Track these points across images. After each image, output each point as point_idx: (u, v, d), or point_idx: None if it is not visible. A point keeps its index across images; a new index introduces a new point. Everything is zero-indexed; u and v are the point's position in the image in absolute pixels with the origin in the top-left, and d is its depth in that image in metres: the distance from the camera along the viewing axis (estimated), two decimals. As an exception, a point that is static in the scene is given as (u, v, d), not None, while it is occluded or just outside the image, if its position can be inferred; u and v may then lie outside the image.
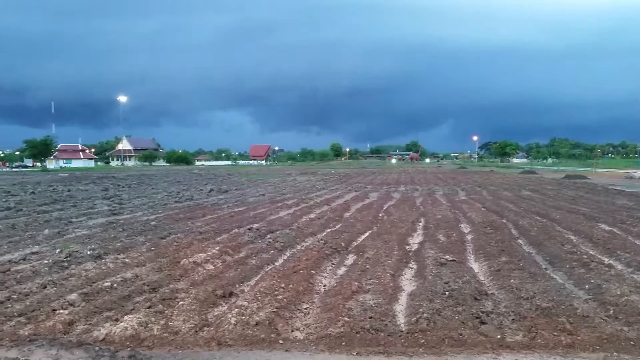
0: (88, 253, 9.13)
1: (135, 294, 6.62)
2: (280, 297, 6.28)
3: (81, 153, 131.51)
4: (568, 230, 11.96)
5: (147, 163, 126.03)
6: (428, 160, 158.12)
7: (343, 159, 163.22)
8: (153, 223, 13.50)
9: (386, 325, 5.39)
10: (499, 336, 5.16)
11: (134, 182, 36.91)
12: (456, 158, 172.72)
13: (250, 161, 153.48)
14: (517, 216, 14.39)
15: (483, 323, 5.45)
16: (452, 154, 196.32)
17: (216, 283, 7.05)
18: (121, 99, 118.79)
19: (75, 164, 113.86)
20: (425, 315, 5.58)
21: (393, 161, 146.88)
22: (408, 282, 7.43)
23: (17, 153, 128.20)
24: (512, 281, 7.11)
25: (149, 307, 5.96)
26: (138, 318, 5.56)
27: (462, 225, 13.18)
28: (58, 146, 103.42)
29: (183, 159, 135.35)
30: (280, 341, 5.12)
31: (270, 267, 8.27)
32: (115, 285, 7.01)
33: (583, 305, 5.91)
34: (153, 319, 5.60)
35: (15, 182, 37.01)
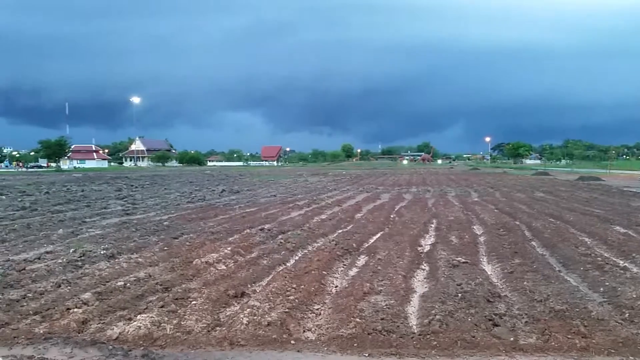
0: (102, 253, 9.23)
1: (148, 294, 6.67)
2: (291, 298, 6.29)
3: (95, 154, 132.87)
4: (582, 232, 11.83)
5: (160, 164, 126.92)
6: (440, 161, 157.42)
7: (354, 160, 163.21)
8: (166, 223, 13.60)
9: (398, 326, 5.38)
10: (512, 338, 5.12)
11: (147, 183, 37.19)
12: (468, 159, 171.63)
13: (261, 162, 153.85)
14: (531, 218, 14.27)
15: (496, 325, 5.41)
16: (465, 155, 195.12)
17: (228, 283, 7.08)
18: (134, 100, 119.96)
19: (89, 165, 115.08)
20: (437, 317, 5.55)
21: (404, 162, 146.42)
22: (420, 284, 7.41)
23: (32, 153, 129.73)
24: (526, 283, 7.05)
25: (162, 307, 6.00)
26: (151, 317, 5.61)
27: (475, 226, 13.10)
28: (72, 147, 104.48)
29: (195, 160, 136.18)
30: (292, 341, 5.13)
31: (281, 268, 8.29)
32: (128, 284, 7.08)
33: (598, 308, 5.85)
34: (166, 319, 5.64)
35: (30, 182, 37.48)
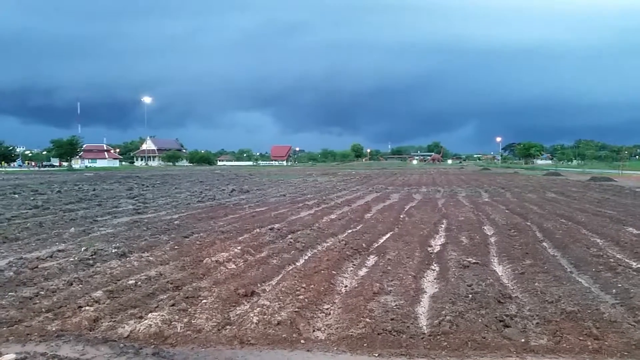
0: (113, 251, 9.30)
1: (159, 292, 6.71)
2: (301, 297, 6.30)
3: (106, 153, 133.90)
4: (594, 233, 11.72)
5: (171, 163, 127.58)
6: (450, 161, 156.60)
7: (364, 160, 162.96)
8: (176, 222, 13.67)
9: (408, 327, 5.36)
10: (523, 340, 5.09)
11: (158, 182, 37.41)
12: (479, 159, 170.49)
13: (271, 161, 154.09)
14: (542, 219, 14.17)
15: (507, 326, 5.38)
16: (475, 155, 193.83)
17: (238, 282, 7.11)
18: (145, 100, 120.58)
19: (100, 164, 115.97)
20: (447, 317, 5.53)
21: (414, 162, 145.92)
22: (430, 284, 7.38)
23: (44, 153, 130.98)
24: (537, 284, 7.01)
25: (173, 305, 6.04)
26: (162, 316, 5.64)
27: (486, 227, 13.03)
28: (84, 146, 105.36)
29: (205, 159, 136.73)
30: (301, 341, 5.14)
31: (291, 267, 8.30)
32: (139, 283, 7.13)
33: (610, 310, 5.79)
34: (176, 317, 5.67)
35: (42, 181, 37.85)
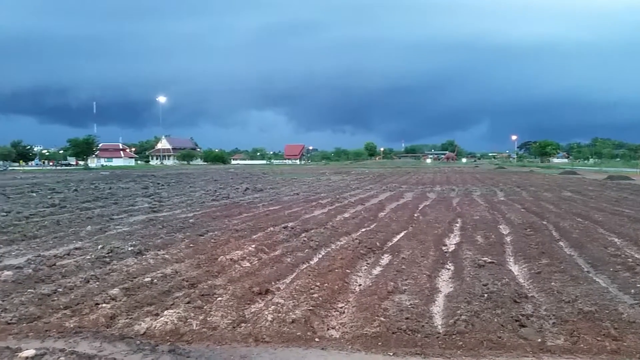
0: (129, 249, 9.40)
1: (174, 290, 6.77)
2: (315, 296, 6.31)
3: (122, 152, 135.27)
4: (611, 232, 11.57)
5: (185, 162, 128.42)
6: (465, 160, 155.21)
7: (377, 159, 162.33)
8: (191, 220, 13.77)
9: (423, 326, 5.35)
10: (540, 340, 5.05)
11: (173, 181, 37.70)
12: (494, 158, 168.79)
13: (284, 160, 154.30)
14: (558, 218, 14.01)
15: (523, 326, 5.34)
16: (490, 154, 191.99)
17: (253, 280, 7.14)
18: (160, 100, 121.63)
19: (116, 163, 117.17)
20: (463, 317, 5.50)
21: (428, 161, 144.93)
22: (445, 284, 7.35)
23: (61, 152, 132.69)
24: (553, 284, 6.94)
25: (188, 303, 6.09)
26: (178, 313, 5.69)
27: (501, 226, 12.92)
28: (100, 145, 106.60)
29: (219, 158, 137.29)
30: (316, 339, 5.15)
31: (305, 266, 8.32)
32: (155, 280, 7.19)
33: (629, 310, 5.71)
34: (192, 314, 5.72)
35: (59, 180, 38.35)
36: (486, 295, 6.31)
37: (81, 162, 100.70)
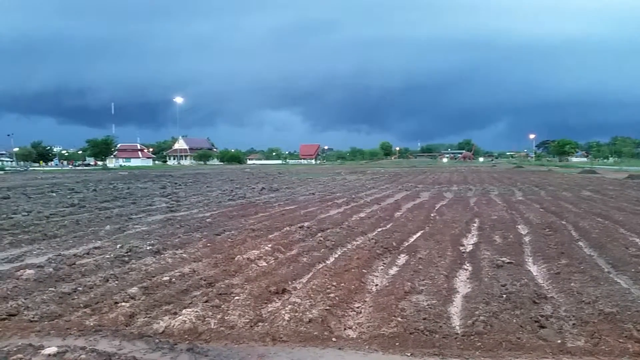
0: (147, 248, 9.50)
1: (192, 289, 6.83)
2: (332, 295, 6.30)
3: (140, 152, 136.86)
4: (632, 232, 11.36)
5: (202, 162, 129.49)
6: (482, 159, 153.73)
7: (393, 158, 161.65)
8: (208, 220, 13.87)
9: (441, 327, 5.31)
10: (560, 341, 4.98)
11: (190, 181, 38.02)
12: (512, 157, 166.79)
13: (299, 160, 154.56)
14: (577, 217, 13.82)
15: (542, 327, 5.27)
16: (508, 153, 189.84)
17: (269, 279, 7.17)
18: (177, 100, 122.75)
19: (134, 163, 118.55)
20: (481, 317, 5.45)
21: (445, 160, 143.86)
22: (463, 284, 7.29)
23: (80, 152, 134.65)
24: (573, 285, 6.84)
25: (206, 302, 6.14)
26: (196, 312, 5.74)
27: (519, 226, 12.78)
28: (118, 145, 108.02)
29: (235, 158, 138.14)
30: (333, 339, 5.14)
31: (321, 265, 8.32)
32: (173, 279, 7.26)
33: (652, 312, 5.60)
34: (210, 313, 5.76)
35: (78, 180, 38.92)
36: (505, 295, 6.25)
37: (100, 163, 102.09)
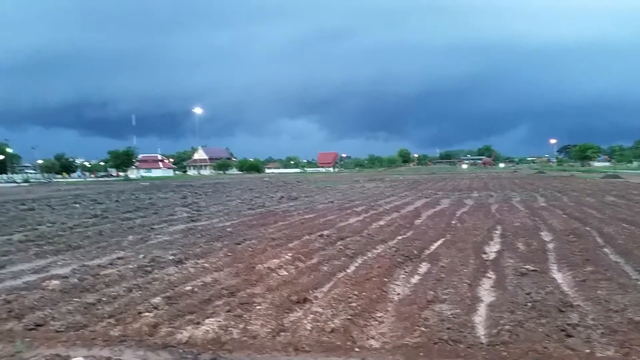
0: (170, 258, 9.59)
1: (214, 298, 6.85)
2: (354, 305, 6.27)
3: (160, 163, 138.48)
4: (661, 238, 11.08)
5: (221, 172, 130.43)
6: (502, 165, 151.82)
7: (411, 165, 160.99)
8: (229, 229, 13.96)
9: (465, 336, 5.24)
10: (588, 350, 4.87)
11: (210, 190, 38.35)
12: (533, 162, 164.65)
13: (317, 168, 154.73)
14: (602, 223, 13.55)
15: (569, 336, 5.17)
16: (529, 158, 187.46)
17: (290, 289, 7.17)
18: (196, 111, 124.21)
19: (155, 173, 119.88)
20: (506, 327, 5.37)
21: (464, 166, 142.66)
22: (487, 293, 7.18)
23: (102, 163, 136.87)
24: (600, 292, 6.70)
25: (228, 311, 6.16)
26: (218, 322, 5.76)
27: (543, 233, 12.58)
28: (139, 156, 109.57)
29: (254, 167, 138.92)
30: (356, 349, 5.11)
31: (342, 274, 8.29)
32: (195, 289, 7.31)
33: (684, 320, 5.45)
34: (232, 323, 5.77)
35: (101, 191, 39.56)
36: (530, 304, 6.15)
37: (121, 173, 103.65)
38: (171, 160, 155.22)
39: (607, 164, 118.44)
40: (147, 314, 6.24)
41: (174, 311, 6.31)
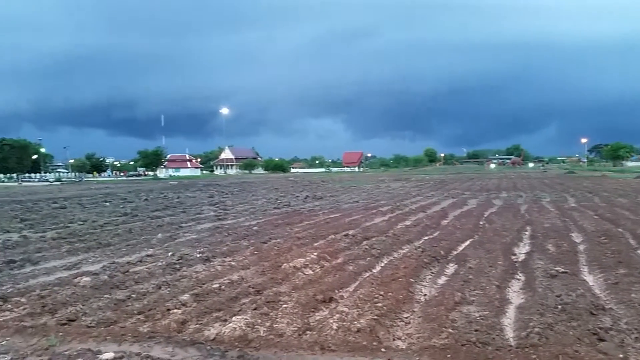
0: (197, 256, 9.73)
1: (241, 296, 6.92)
2: (379, 305, 6.25)
3: (188, 162, 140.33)
4: (699, 241, 10.72)
5: (247, 171, 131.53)
6: (531, 164, 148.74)
7: (437, 165, 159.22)
8: (255, 228, 14.07)
9: (493, 338, 5.16)
10: (622, 355, 4.74)
11: (236, 190, 38.70)
12: (563, 162, 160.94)
13: (343, 168, 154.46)
14: (635, 225, 13.18)
15: (602, 340, 5.04)
16: (559, 158, 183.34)
17: (316, 288, 7.18)
18: (223, 111, 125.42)
19: (183, 173, 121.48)
20: (536, 329, 5.27)
21: (492, 166, 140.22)
22: (516, 295, 7.06)
23: (131, 163, 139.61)
24: (633, 295, 6.52)
25: (255, 309, 6.21)
26: (245, 319, 5.81)
27: (573, 234, 12.30)
28: (168, 156, 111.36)
29: (279, 167, 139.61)
30: (382, 349, 5.08)
31: (368, 274, 8.26)
32: (223, 287, 7.40)
33: None
34: (259, 321, 5.82)
35: (130, 190, 40.33)
36: (560, 306, 6.02)
37: (150, 173, 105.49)
38: (199, 160, 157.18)
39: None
40: (176, 311, 6.35)
41: (202, 308, 6.40)
